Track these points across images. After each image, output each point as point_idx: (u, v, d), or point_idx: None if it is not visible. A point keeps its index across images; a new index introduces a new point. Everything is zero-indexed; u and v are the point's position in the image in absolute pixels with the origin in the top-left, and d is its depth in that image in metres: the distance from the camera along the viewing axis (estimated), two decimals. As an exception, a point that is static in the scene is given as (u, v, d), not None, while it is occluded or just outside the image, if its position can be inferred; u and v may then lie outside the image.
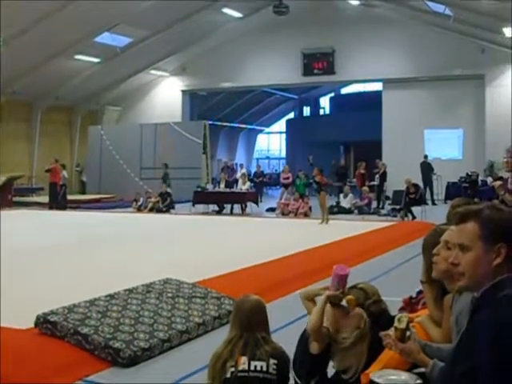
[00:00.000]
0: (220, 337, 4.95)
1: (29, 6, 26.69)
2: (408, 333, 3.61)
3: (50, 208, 27.89)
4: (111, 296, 7.69)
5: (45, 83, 34.72)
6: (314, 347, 4.14)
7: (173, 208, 27.12)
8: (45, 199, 29.77)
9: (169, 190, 28.20)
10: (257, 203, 26.31)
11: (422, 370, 3.54)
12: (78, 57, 33.66)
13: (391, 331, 3.70)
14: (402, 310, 5.42)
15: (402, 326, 3.59)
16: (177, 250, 14.36)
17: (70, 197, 30.63)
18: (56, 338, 6.65)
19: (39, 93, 35.85)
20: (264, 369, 4.13)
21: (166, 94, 39.78)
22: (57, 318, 6.82)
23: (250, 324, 4.21)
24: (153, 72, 38.98)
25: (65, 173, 30.41)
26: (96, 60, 34.73)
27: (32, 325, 6.92)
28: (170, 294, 8.03)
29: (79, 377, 5.82)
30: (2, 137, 35.36)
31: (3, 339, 6.73)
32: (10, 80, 33.49)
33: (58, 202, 28.18)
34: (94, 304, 7.35)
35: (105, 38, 32.65)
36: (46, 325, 6.83)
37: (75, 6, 27.74)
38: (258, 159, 56.46)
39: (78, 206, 29.47)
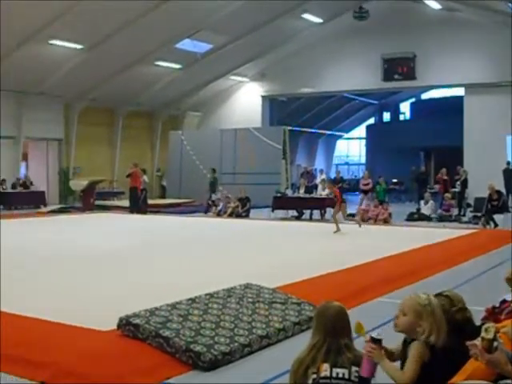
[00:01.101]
0: (300, 343, 4.93)
1: (111, 13, 27.20)
2: (495, 343, 3.54)
3: (131, 212, 28.26)
4: (192, 300, 7.72)
5: (126, 89, 35.31)
6: None
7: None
8: (125, 203, 30.20)
9: (214, 196, 28.51)
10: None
11: (509, 381, 3.46)
12: (158, 63, 34.12)
13: (478, 341, 3.62)
14: (484, 319, 5.31)
15: (490, 336, 3.52)
16: (256, 255, 14.38)
17: (150, 201, 31.03)
18: (138, 341, 6.72)
19: (121, 99, 36.45)
20: (346, 376, 4.09)
21: (245, 100, 39.98)
22: (139, 321, 6.89)
23: (334, 330, 4.17)
24: (233, 78, 39.23)
25: (145, 177, 30.81)
26: (177, 66, 35.14)
27: (115, 327, 7.01)
28: (250, 299, 8.03)
29: (160, 379, 5.86)
30: (84, 142, 36.09)
31: (86, 340, 6.85)
32: (92, 86, 34.18)
33: (139, 206, 28.53)
34: (175, 307, 7.39)
35: (185, 44, 32.99)
36: (128, 327, 6.90)
37: (157, 13, 28.13)
38: (337, 165, 56.25)
39: (158, 210, 29.80)
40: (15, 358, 6.33)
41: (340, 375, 4.08)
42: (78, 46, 30.19)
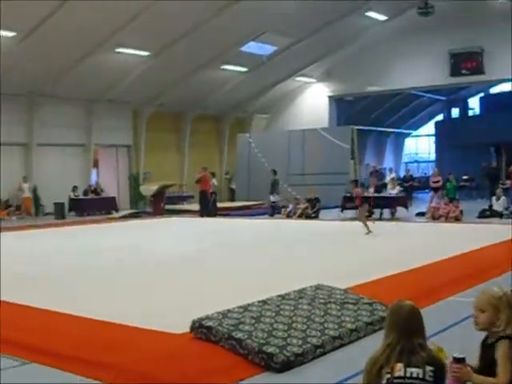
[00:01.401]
0: (373, 343, 4.90)
1: (176, 19, 27.46)
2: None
3: (201, 215, 28.45)
4: (264, 302, 7.75)
5: (193, 94, 35.60)
6: None
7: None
8: (195, 207, 30.42)
9: (273, 198, 28.48)
10: (406, 207, 25.94)
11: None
12: (224, 67, 34.30)
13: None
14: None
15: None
16: (326, 255, 14.35)
17: (219, 204, 31.19)
18: (210, 343, 6.77)
19: (188, 103, 36.77)
20: (420, 376, 4.04)
21: (312, 100, 39.93)
22: (212, 323, 6.95)
23: (408, 330, 4.13)
24: (299, 79, 39.22)
25: (214, 181, 31.00)
26: (243, 69, 35.29)
27: (187, 330, 7.08)
28: (322, 300, 8.01)
29: (234, 381, 5.90)
30: (153, 147, 36.51)
31: (160, 343, 6.94)
32: (159, 92, 34.56)
33: (209, 209, 28.71)
34: (247, 309, 7.43)
35: (251, 47, 33.11)
36: (201, 329, 6.97)
37: (221, 17, 28.31)
38: (406, 163, 55.65)
39: (227, 213, 29.93)
40: (88, 360, 6.46)
41: (414, 375, 4.03)
42: (145, 53, 30.57)
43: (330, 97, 39.88)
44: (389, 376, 4.05)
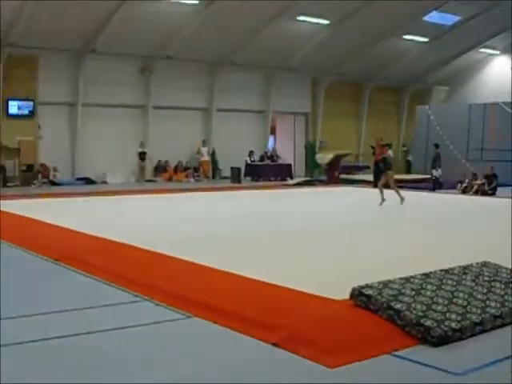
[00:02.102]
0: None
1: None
2: None
3: (375, 186, 28.28)
4: (426, 275, 7.70)
5: (373, 64, 35.38)
6: None
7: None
8: (370, 177, 30.28)
9: (435, 173, 27.66)
10: None
11: None
12: (406, 37, 33.81)
13: None
14: None
15: None
16: (498, 234, 13.95)
17: (394, 176, 30.81)
18: (369, 311, 6.83)
19: (367, 73, 36.61)
20: None
21: (495, 73, 38.65)
22: (371, 292, 7.00)
23: None
24: (482, 50, 38.05)
25: (390, 152, 30.70)
26: (424, 39, 34.63)
27: (347, 296, 7.17)
28: (486, 278, 7.86)
29: (388, 350, 5.93)
30: (330, 116, 36.65)
31: (319, 308, 7.09)
32: (339, 61, 34.58)
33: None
34: (409, 281, 7.42)
35: (433, 16, 32.45)
36: (360, 297, 7.04)
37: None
38: None
39: (402, 185, 29.54)
40: (249, 319, 6.69)
41: None
42: (325, 22, 30.63)
43: (515, 70, 38.45)
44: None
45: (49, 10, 25.65)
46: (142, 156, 31.09)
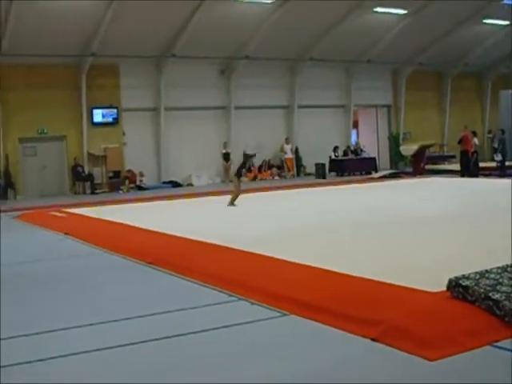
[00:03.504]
0: None
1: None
2: None
3: (462, 176, 27.92)
4: (524, 264, 7.58)
5: (453, 50, 34.86)
6: None
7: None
8: (457, 167, 29.86)
9: (496, 158, 27.06)
10: None
11: None
12: (486, 21, 33.20)
13: None
14: None
15: None
16: None
17: (481, 164, 30.35)
18: (467, 303, 6.74)
19: (448, 61, 36.09)
20: None
21: None
22: (468, 283, 6.90)
23: None
24: None
25: (476, 140, 30.24)
26: (504, 23, 33.92)
27: (444, 288, 7.09)
28: None
29: (488, 341, 5.84)
30: (412, 106, 36.27)
31: (416, 300, 7.03)
32: (418, 51, 34.18)
33: (470, 169, 28.08)
34: (506, 270, 7.30)
35: (513, -2, 31.78)
36: (457, 288, 6.94)
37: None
38: None
39: (489, 173, 29.07)
40: (346, 315, 6.68)
41: None
42: (402, 12, 30.33)
43: None
44: None
45: (127, 18, 26.13)
46: (226, 157, 31.35)
